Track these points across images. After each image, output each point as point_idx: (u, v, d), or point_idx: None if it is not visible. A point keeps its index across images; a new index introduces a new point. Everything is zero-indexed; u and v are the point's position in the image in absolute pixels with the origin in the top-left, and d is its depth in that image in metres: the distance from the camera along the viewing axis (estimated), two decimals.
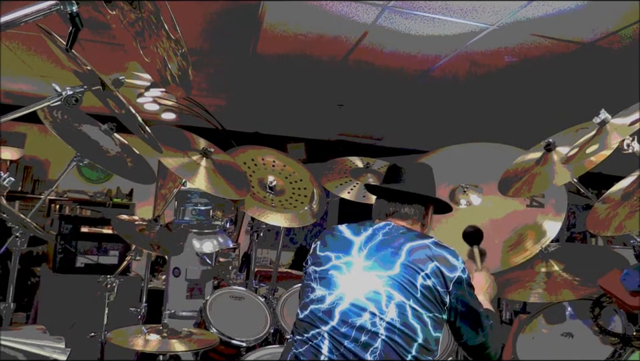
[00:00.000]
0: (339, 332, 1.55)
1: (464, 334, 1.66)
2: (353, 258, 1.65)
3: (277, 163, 3.14)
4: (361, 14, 3.22)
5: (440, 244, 1.66)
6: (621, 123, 1.82)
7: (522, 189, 2.13)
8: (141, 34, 1.31)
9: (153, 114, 5.79)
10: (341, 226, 1.78)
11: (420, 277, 1.56)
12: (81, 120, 2.18)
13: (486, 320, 1.68)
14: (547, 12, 3.02)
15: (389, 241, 1.66)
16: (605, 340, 2.13)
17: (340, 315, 1.57)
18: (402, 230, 1.71)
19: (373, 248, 1.66)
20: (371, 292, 1.56)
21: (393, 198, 1.80)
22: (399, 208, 1.78)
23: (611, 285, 1.93)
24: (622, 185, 2.05)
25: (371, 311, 1.54)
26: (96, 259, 4.03)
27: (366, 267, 1.62)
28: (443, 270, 1.58)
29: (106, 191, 6.81)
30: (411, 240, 1.65)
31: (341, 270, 1.64)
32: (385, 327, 1.52)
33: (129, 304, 2.93)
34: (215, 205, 4.82)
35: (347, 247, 1.69)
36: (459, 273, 1.60)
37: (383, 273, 1.58)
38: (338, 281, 1.63)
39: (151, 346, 2.26)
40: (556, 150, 2.11)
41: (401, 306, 1.53)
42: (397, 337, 1.51)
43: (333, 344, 1.54)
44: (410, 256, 1.60)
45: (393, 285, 1.55)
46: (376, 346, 1.51)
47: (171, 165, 2.57)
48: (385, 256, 1.62)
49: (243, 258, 4.03)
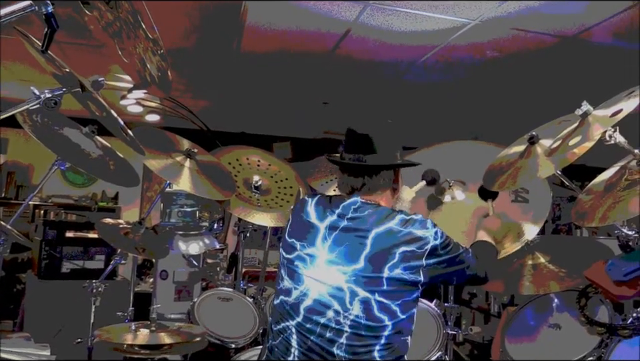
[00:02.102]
0: (305, 328, 1.57)
1: (453, 279, 1.72)
2: (317, 249, 1.62)
3: (261, 163, 3.13)
4: (343, 11, 3.22)
5: (407, 220, 1.60)
6: (603, 115, 1.83)
7: (507, 182, 2.14)
8: (119, 35, 1.29)
9: (137, 116, 5.74)
10: (309, 205, 1.72)
11: (386, 269, 1.54)
12: (62, 124, 2.14)
13: (467, 255, 1.70)
14: (528, 6, 3.03)
15: (354, 227, 1.61)
16: (592, 330, 2.15)
17: (304, 311, 1.58)
18: (369, 209, 1.64)
19: (337, 238, 1.61)
20: (334, 289, 1.56)
21: (359, 173, 1.70)
22: (367, 181, 1.69)
23: (597, 275, 1.94)
24: (605, 176, 2.07)
25: (334, 309, 1.54)
26: (82, 264, 4.00)
27: (329, 260, 1.59)
28: (413, 250, 1.56)
29: (91, 195, 6.74)
30: (377, 223, 1.59)
31: (305, 263, 1.63)
32: (349, 324, 1.52)
33: (116, 308, 2.90)
34: (201, 206, 4.80)
35: (312, 236, 1.65)
36: (431, 243, 1.58)
37: (346, 268, 1.56)
38: (302, 275, 1.63)
39: (139, 340, 2.26)
40: (539, 143, 2.12)
41: (365, 301, 1.53)
42: (362, 331, 1.52)
43: (301, 338, 1.57)
44: (375, 246, 1.56)
45: (356, 281, 1.54)
46: (341, 341, 1.52)
47: (155, 167, 2.55)
48: (349, 247, 1.58)
49: (230, 258, 4.01)
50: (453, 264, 1.65)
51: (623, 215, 1.79)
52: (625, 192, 1.82)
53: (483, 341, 4.59)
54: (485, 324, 5.22)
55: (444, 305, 2.90)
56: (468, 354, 4.42)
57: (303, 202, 1.75)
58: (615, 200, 1.83)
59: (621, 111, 1.75)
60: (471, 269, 1.71)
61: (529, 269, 2.46)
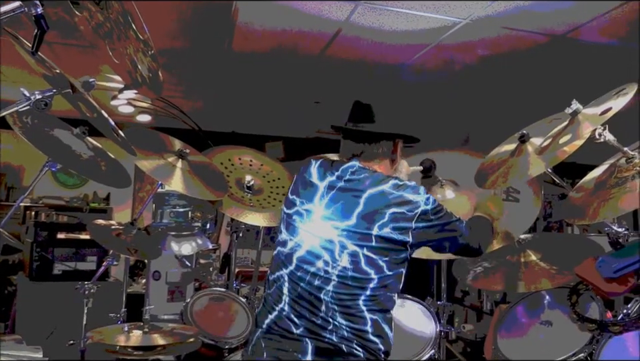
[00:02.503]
0: (296, 276, 1.67)
1: (445, 245, 1.77)
2: (314, 205, 1.72)
3: (254, 162, 3.12)
4: (334, 11, 3.22)
5: (399, 185, 1.69)
6: (592, 113, 1.85)
7: (498, 181, 2.15)
8: (110, 36, 1.29)
9: (128, 117, 5.71)
10: (312, 166, 1.81)
11: (375, 227, 1.62)
12: (52, 125, 2.13)
13: (460, 224, 1.77)
14: (518, 5, 3.05)
15: (350, 188, 1.70)
16: (583, 327, 2.17)
17: (297, 260, 1.69)
18: (366, 173, 1.73)
19: (334, 196, 1.71)
20: (326, 241, 1.66)
21: (360, 139, 1.81)
22: (367, 148, 1.80)
23: (588, 272, 1.96)
24: (595, 174, 2.09)
25: (324, 259, 1.64)
26: (73, 265, 3.97)
27: (324, 216, 1.69)
28: (403, 211, 1.64)
29: (82, 196, 6.70)
30: (372, 185, 1.69)
31: (302, 218, 1.73)
32: (337, 274, 1.62)
33: (108, 309, 2.89)
34: (193, 207, 4.78)
35: (311, 194, 1.75)
36: (421, 207, 1.66)
37: (339, 224, 1.66)
38: (298, 228, 1.73)
39: (133, 341, 2.25)
40: (530, 142, 2.14)
41: (353, 255, 1.62)
42: (349, 281, 1.61)
43: (292, 286, 1.67)
44: (368, 205, 1.65)
45: (347, 235, 1.64)
46: (328, 288, 1.61)
47: (146, 167, 2.54)
48: (344, 205, 1.67)
49: (223, 258, 4.00)
50: (443, 230, 1.72)
51: (613, 212, 1.81)
52: (614, 189, 1.83)
53: (475, 338, 4.61)
54: (478, 321, 5.24)
55: (437, 303, 2.91)
56: (461, 351, 4.44)
57: (307, 163, 1.84)
58: (605, 197, 1.84)
59: (610, 109, 1.76)
60: (464, 238, 1.78)
61: (520, 267, 2.48)
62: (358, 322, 1.60)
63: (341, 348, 1.57)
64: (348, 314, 1.60)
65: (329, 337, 1.58)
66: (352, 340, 1.58)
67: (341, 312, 1.60)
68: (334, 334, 1.59)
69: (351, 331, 1.59)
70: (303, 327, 1.61)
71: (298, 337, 1.61)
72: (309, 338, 1.60)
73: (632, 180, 1.79)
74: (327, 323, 1.59)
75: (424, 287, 5.89)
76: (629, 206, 1.75)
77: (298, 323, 1.62)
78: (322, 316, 1.60)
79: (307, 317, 1.62)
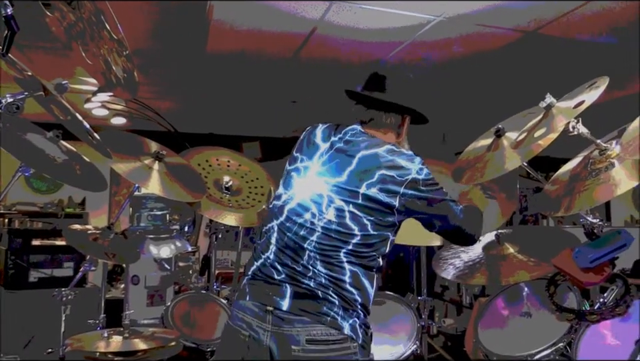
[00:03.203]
0: (285, 226, 1.74)
1: (435, 223, 1.78)
2: (312, 163, 1.79)
3: (231, 163, 3.11)
4: (309, 9, 3.22)
5: (394, 150, 1.74)
6: (566, 106, 1.88)
7: (475, 176, 2.17)
8: (82, 36, 1.26)
9: (102, 120, 5.62)
10: (319, 128, 1.89)
11: (364, 186, 1.67)
12: (25, 129, 2.09)
13: (455, 205, 1.79)
14: (490, 3, 3.09)
15: (347, 148, 1.77)
16: (561, 317, 2.21)
17: (287, 212, 1.75)
18: (364, 137, 1.79)
19: (331, 155, 1.77)
20: (316, 195, 1.72)
21: (370, 106, 1.86)
22: (376, 115, 1.85)
23: (564, 263, 1.99)
24: (569, 166, 2.12)
25: (312, 212, 1.70)
26: (50, 272, 3.90)
27: (319, 172, 1.76)
28: (393, 175, 1.68)
29: (57, 201, 6.58)
30: (367, 148, 1.74)
31: (299, 173, 1.81)
32: (321, 226, 1.68)
33: (87, 316, 2.85)
34: (171, 209, 4.74)
35: (312, 152, 1.82)
36: (412, 175, 1.69)
37: (330, 180, 1.72)
38: (294, 182, 1.80)
39: (113, 347, 2.22)
40: (506, 136, 2.16)
41: (339, 209, 1.68)
42: (333, 234, 1.67)
43: (280, 236, 1.74)
44: (360, 165, 1.71)
45: (336, 191, 1.70)
46: (312, 239, 1.67)
47: (122, 170, 2.51)
48: (338, 164, 1.74)
49: (202, 261, 3.98)
50: (433, 204, 1.73)
51: (588, 204, 1.84)
52: (588, 181, 1.87)
53: (456, 332, 4.66)
54: (458, 315, 5.30)
55: (417, 298, 2.94)
56: (442, 345, 4.49)
57: (315, 125, 1.92)
58: (580, 189, 1.88)
59: (583, 102, 1.79)
60: (457, 220, 1.78)
61: (498, 260, 2.51)
62: (336, 271, 1.65)
63: (317, 293, 1.63)
64: (328, 263, 1.66)
65: (307, 283, 1.65)
66: (328, 287, 1.64)
67: (322, 260, 1.66)
68: (312, 281, 1.65)
69: (329, 278, 1.65)
70: (284, 274, 1.68)
71: (279, 282, 1.68)
72: (288, 283, 1.66)
73: (605, 171, 1.83)
74: (307, 270, 1.66)
75: (404, 283, 5.94)
76: (604, 197, 1.78)
77: (280, 270, 1.69)
78: (303, 263, 1.67)
79: (289, 264, 1.68)
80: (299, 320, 1.61)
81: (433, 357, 4.08)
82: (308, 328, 1.60)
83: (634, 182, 1.71)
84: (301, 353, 1.59)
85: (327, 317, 1.61)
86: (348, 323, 1.63)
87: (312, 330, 1.60)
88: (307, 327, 1.60)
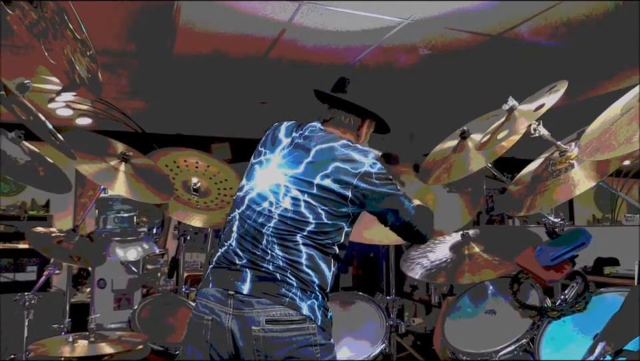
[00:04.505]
0: (245, 215, 1.83)
1: (387, 217, 1.86)
2: (274, 156, 1.89)
3: (200, 164, 3.09)
4: (278, 11, 3.22)
5: (349, 145, 1.84)
6: (527, 109, 1.93)
7: (441, 176, 2.21)
8: (45, 35, 1.24)
9: (67, 120, 5.50)
10: (283, 125, 1.98)
11: (318, 177, 1.76)
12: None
13: (407, 202, 1.86)
14: (457, 6, 3.14)
15: (305, 143, 1.86)
16: (524, 314, 2.26)
17: (248, 201, 1.85)
18: (322, 133, 1.89)
19: (291, 149, 1.87)
20: (274, 185, 1.82)
21: (332, 105, 1.96)
22: (336, 115, 1.95)
23: (527, 262, 2.05)
24: (531, 167, 2.18)
25: (270, 200, 1.80)
26: (12, 276, 3.81)
27: (279, 164, 1.86)
28: (346, 168, 1.77)
29: (20, 204, 6.40)
30: (324, 142, 1.84)
31: (261, 165, 1.91)
32: (278, 213, 1.77)
33: (51, 321, 2.79)
34: (139, 211, 4.67)
35: (275, 147, 1.92)
36: (365, 168, 1.78)
37: (288, 171, 1.82)
38: (256, 174, 1.90)
39: (78, 352, 2.18)
40: (471, 138, 2.21)
41: (295, 198, 1.77)
42: (288, 221, 1.76)
43: (240, 224, 1.83)
44: (315, 157, 1.81)
45: (293, 182, 1.79)
46: (270, 225, 1.76)
47: (87, 172, 2.47)
48: (297, 157, 1.84)
49: (171, 263, 3.93)
50: (385, 198, 1.80)
51: (548, 203, 1.89)
52: (549, 181, 1.92)
53: (425, 331, 4.72)
54: (427, 314, 5.36)
55: (386, 298, 2.96)
56: (411, 344, 4.53)
57: (280, 122, 2.01)
58: (541, 189, 1.93)
59: (544, 105, 1.85)
60: (408, 216, 1.84)
61: (465, 259, 2.56)
62: (293, 254, 1.74)
63: (275, 275, 1.71)
64: (285, 246, 1.74)
65: (266, 266, 1.73)
66: (286, 270, 1.72)
67: (279, 244, 1.74)
68: (271, 264, 1.73)
69: (286, 261, 1.73)
70: (245, 259, 1.76)
71: (240, 267, 1.76)
72: (249, 268, 1.74)
73: (565, 172, 1.88)
74: (266, 254, 1.74)
75: (374, 283, 5.98)
76: (563, 196, 1.84)
77: (242, 255, 1.78)
78: (262, 248, 1.75)
79: (249, 250, 1.77)
80: (259, 301, 1.68)
81: (402, 356, 4.12)
82: (267, 309, 1.67)
83: (591, 182, 1.77)
84: (260, 333, 1.66)
85: (285, 298, 1.68)
86: (306, 304, 1.70)
87: (271, 310, 1.67)
88: (266, 308, 1.67)
